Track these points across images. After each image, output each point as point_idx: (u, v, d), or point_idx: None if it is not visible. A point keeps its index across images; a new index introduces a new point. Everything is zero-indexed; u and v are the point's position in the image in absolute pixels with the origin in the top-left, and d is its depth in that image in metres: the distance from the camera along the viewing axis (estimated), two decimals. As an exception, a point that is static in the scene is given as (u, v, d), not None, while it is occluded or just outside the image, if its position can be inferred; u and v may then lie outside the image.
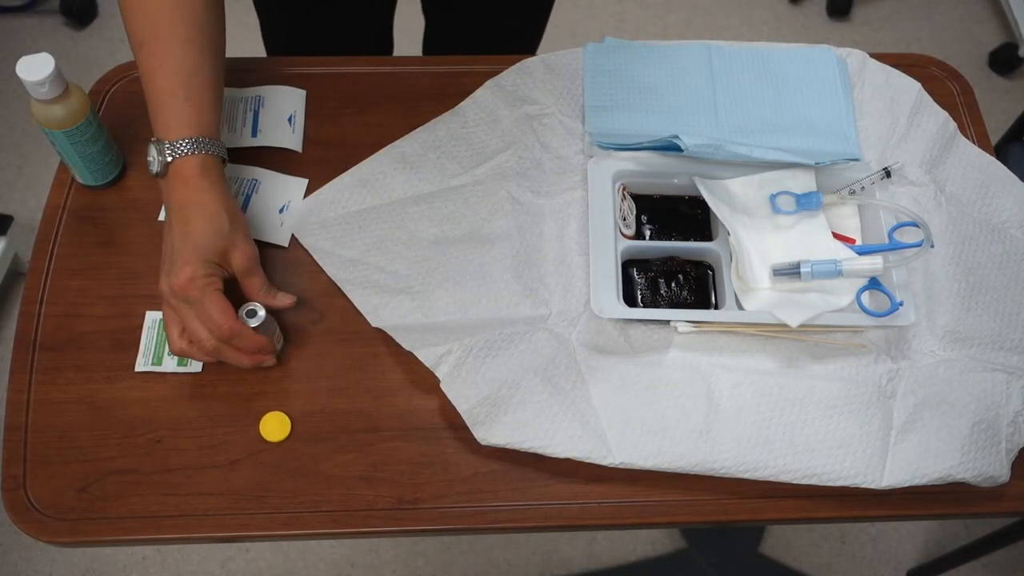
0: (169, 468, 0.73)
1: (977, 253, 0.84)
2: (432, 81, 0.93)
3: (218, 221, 0.72)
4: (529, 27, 1.17)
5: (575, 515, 0.73)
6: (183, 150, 0.72)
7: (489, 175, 0.85)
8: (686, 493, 0.74)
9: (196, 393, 0.76)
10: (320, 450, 0.75)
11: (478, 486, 0.74)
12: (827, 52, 0.94)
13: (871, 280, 0.79)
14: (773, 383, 0.76)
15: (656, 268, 0.83)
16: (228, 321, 0.71)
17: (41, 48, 0.75)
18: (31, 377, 0.76)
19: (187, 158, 0.72)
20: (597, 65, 0.92)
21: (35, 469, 0.73)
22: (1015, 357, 0.80)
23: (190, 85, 0.74)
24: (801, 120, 0.90)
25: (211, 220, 0.71)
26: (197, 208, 0.72)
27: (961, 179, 0.88)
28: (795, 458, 0.73)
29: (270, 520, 0.72)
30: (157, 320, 0.78)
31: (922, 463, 0.73)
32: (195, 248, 0.71)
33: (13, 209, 1.69)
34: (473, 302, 0.79)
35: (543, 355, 0.76)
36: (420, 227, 0.82)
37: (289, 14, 1.10)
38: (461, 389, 0.73)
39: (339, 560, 1.52)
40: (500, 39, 1.12)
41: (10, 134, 1.90)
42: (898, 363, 0.78)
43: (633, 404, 0.75)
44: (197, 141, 0.73)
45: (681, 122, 0.89)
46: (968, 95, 0.96)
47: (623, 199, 0.84)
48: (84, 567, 1.49)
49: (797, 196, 0.83)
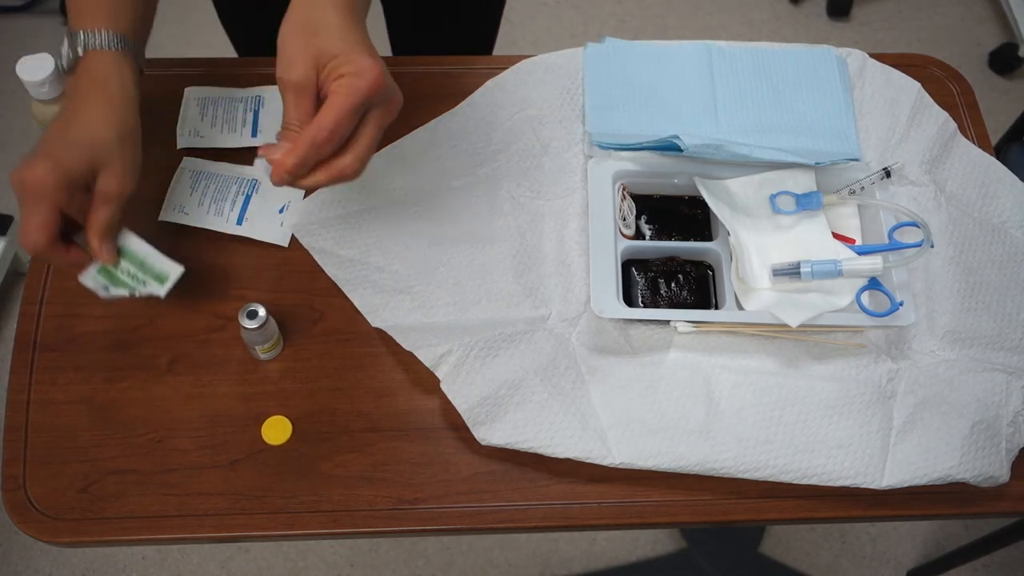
0: (169, 468, 0.73)
1: (977, 253, 0.84)
2: (432, 81, 0.93)
3: (106, 131, 0.63)
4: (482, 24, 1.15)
5: (575, 515, 0.73)
6: (99, 41, 0.65)
7: (489, 175, 0.85)
8: (686, 493, 0.74)
9: (196, 393, 0.76)
10: (320, 450, 0.75)
11: (478, 486, 0.74)
12: (827, 52, 0.94)
13: (871, 280, 0.79)
14: (773, 383, 0.76)
15: (656, 268, 0.83)
16: (42, 239, 0.62)
17: (41, 48, 0.75)
18: (31, 377, 0.76)
19: (100, 52, 0.65)
20: (597, 65, 0.92)
21: (35, 469, 0.73)
22: (1015, 357, 0.80)
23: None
24: (801, 120, 0.90)
25: (98, 127, 0.63)
26: (89, 110, 0.64)
27: (961, 179, 0.88)
28: (795, 458, 0.73)
29: (270, 520, 0.72)
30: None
31: (922, 463, 0.73)
32: (64, 148, 0.62)
33: (13, 209, 1.69)
34: (473, 302, 0.79)
35: (543, 355, 0.76)
36: (420, 227, 0.83)
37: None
38: (461, 389, 0.73)
39: (339, 560, 1.52)
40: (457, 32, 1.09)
41: (10, 134, 1.90)
42: (898, 363, 0.78)
43: (633, 404, 0.75)
44: (112, 36, 0.65)
45: (681, 122, 0.89)
46: (968, 95, 0.96)
47: (623, 199, 0.84)
48: (84, 567, 1.49)
49: (797, 196, 0.83)
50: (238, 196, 0.84)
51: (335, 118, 0.59)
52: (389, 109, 0.63)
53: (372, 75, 0.59)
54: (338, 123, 0.59)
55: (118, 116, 0.65)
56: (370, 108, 0.61)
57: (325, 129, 0.59)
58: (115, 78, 0.66)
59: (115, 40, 0.66)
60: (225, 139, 0.87)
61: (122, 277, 0.72)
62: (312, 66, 0.59)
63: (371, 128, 0.62)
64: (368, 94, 0.59)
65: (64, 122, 0.64)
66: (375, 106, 0.61)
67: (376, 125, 0.62)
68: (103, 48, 0.66)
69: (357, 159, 0.62)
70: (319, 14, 0.60)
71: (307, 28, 0.60)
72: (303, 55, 0.59)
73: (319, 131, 0.59)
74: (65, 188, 0.62)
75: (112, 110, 0.65)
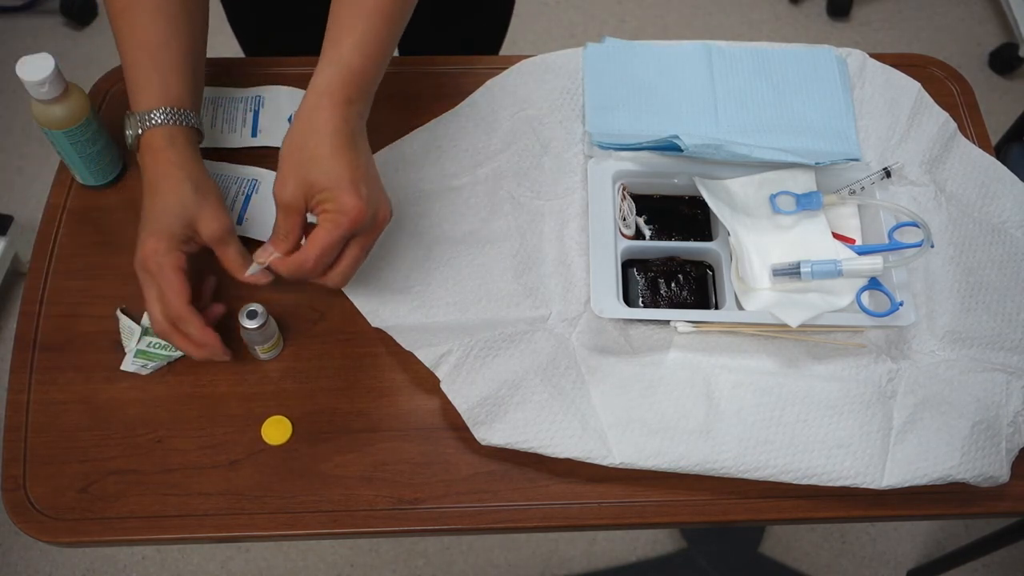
0: (169, 468, 0.73)
1: (977, 253, 0.84)
2: (432, 81, 0.93)
3: (182, 192, 0.70)
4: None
5: (575, 515, 0.73)
6: (152, 122, 0.71)
7: (489, 175, 0.85)
8: (686, 493, 0.74)
9: (196, 393, 0.76)
10: (320, 450, 0.75)
11: (478, 486, 0.74)
12: (827, 52, 0.94)
13: (871, 280, 0.79)
14: (773, 383, 0.76)
15: (656, 268, 0.83)
16: (176, 301, 0.69)
17: (41, 48, 0.75)
18: (31, 377, 0.76)
19: (155, 129, 0.71)
20: (597, 65, 0.92)
21: (35, 469, 0.73)
22: (1015, 357, 0.80)
23: (158, 57, 0.72)
24: (801, 120, 0.90)
25: (175, 191, 0.70)
26: (163, 180, 0.70)
27: (961, 179, 0.88)
28: (795, 458, 0.73)
29: (270, 520, 0.72)
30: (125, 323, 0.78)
31: (922, 463, 0.73)
32: (158, 220, 0.69)
33: (13, 209, 1.69)
34: (473, 302, 0.79)
35: (543, 355, 0.76)
36: (420, 227, 0.83)
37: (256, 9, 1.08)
38: (461, 389, 0.73)
39: (339, 560, 1.52)
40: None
41: (10, 134, 1.90)
42: (898, 363, 0.78)
43: (633, 404, 0.75)
44: (165, 111, 0.72)
45: (681, 122, 0.89)
46: (968, 95, 0.96)
47: (623, 199, 0.84)
48: (84, 567, 1.49)
49: (797, 196, 0.83)
50: (238, 196, 0.84)
51: (319, 251, 0.66)
52: (374, 230, 0.69)
53: (354, 213, 0.65)
54: (322, 254, 0.66)
55: (187, 173, 0.71)
56: (354, 235, 0.68)
57: (310, 260, 0.66)
58: (176, 147, 0.72)
59: (168, 115, 0.72)
60: (225, 139, 0.87)
61: (156, 351, 0.77)
62: (301, 193, 0.66)
63: (354, 250, 0.69)
64: (350, 228, 0.66)
65: (148, 200, 0.71)
66: (359, 233, 0.68)
67: (360, 247, 0.69)
68: (159, 125, 0.72)
69: (340, 275, 0.69)
70: (314, 142, 0.66)
71: (302, 154, 0.66)
72: (294, 179, 0.66)
73: (305, 260, 0.66)
74: (176, 248, 0.69)
75: (181, 169, 0.71)
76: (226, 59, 0.94)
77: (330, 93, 0.66)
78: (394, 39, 0.71)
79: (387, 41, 0.70)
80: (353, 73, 0.67)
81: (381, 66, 0.70)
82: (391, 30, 0.70)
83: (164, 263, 0.69)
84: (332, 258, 0.67)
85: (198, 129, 0.75)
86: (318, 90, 0.67)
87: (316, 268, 0.67)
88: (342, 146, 0.65)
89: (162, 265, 0.69)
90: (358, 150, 0.67)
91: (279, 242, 0.68)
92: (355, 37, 0.68)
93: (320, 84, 0.67)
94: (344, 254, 0.69)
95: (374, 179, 0.68)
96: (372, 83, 0.70)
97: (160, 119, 0.72)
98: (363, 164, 0.67)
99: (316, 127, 0.66)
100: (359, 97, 0.68)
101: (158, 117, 0.72)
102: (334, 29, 0.69)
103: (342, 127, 0.66)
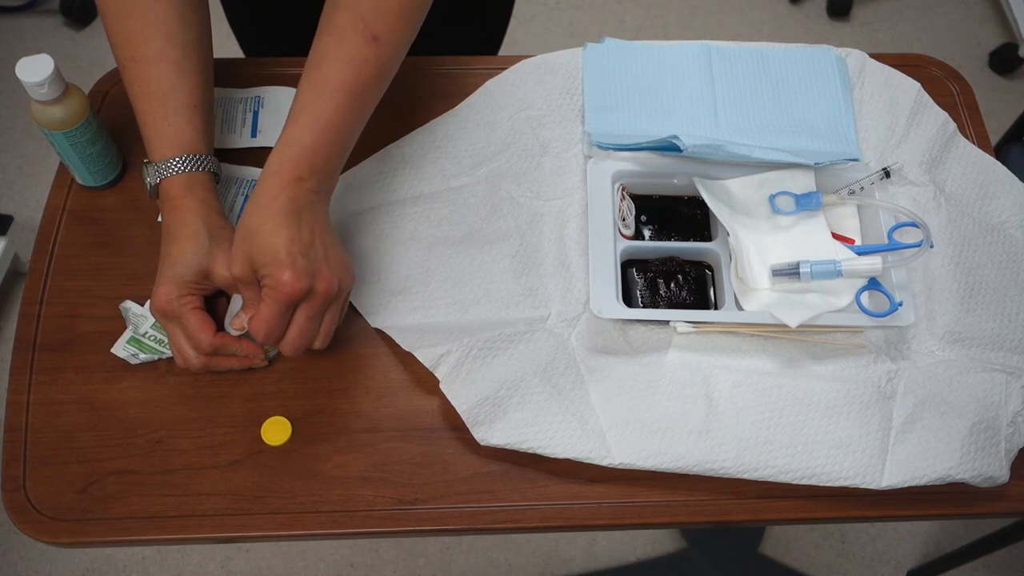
0: (169, 468, 0.73)
1: (977, 253, 0.84)
2: (432, 81, 0.93)
3: (196, 240, 0.72)
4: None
5: (575, 515, 0.73)
6: (168, 170, 0.73)
7: (489, 175, 0.85)
8: (686, 493, 0.74)
9: (196, 393, 0.76)
10: (320, 450, 0.75)
11: (478, 486, 0.74)
12: (827, 52, 0.94)
13: (870, 280, 0.79)
14: (772, 383, 0.76)
15: (655, 268, 0.83)
16: (208, 337, 0.72)
17: (41, 48, 0.76)
18: (31, 377, 0.76)
19: (172, 178, 0.73)
20: (597, 65, 0.92)
21: (35, 469, 0.73)
22: (1015, 357, 0.80)
23: (167, 104, 0.74)
24: (801, 120, 0.90)
25: (190, 239, 0.72)
26: (181, 228, 0.72)
27: (961, 179, 0.88)
28: (794, 458, 0.73)
29: (270, 520, 0.72)
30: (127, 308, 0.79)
31: (921, 463, 0.73)
32: (173, 268, 0.71)
33: (13, 209, 1.70)
34: (473, 302, 0.79)
35: (542, 355, 0.76)
36: (420, 227, 0.83)
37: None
38: (460, 389, 0.73)
39: (339, 560, 1.52)
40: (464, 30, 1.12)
41: (10, 134, 1.90)
42: (897, 363, 0.78)
43: (633, 404, 0.75)
44: (181, 160, 0.73)
45: (681, 122, 0.89)
46: (968, 95, 0.96)
47: (623, 199, 0.84)
48: (84, 567, 1.49)
49: (797, 196, 0.83)
50: (238, 197, 0.84)
51: (263, 324, 0.68)
52: (314, 300, 0.69)
53: (287, 288, 0.66)
54: (269, 325, 0.68)
55: (204, 221, 0.73)
56: (298, 304, 0.69)
57: (260, 332, 0.69)
58: (193, 194, 0.74)
59: (184, 163, 0.74)
60: (225, 139, 0.87)
61: (149, 344, 0.77)
62: (248, 267, 0.68)
63: (300, 320, 0.70)
64: (286, 302, 0.68)
65: (165, 247, 0.73)
66: (302, 302, 0.69)
67: (305, 316, 0.70)
68: (175, 174, 0.73)
69: (290, 345, 0.70)
70: (258, 219, 0.68)
71: (247, 231, 0.68)
72: (241, 254, 0.69)
73: (257, 333, 0.69)
74: (190, 292, 0.72)
75: (197, 216, 0.73)
76: (226, 59, 0.94)
77: (280, 172, 0.68)
78: (360, 112, 0.73)
79: (350, 116, 0.71)
80: (305, 152, 0.69)
81: (341, 141, 0.72)
82: (354, 105, 0.71)
83: (182, 306, 0.71)
84: (283, 325, 0.69)
85: (214, 171, 0.76)
86: (270, 169, 0.69)
87: (271, 337, 0.69)
88: (282, 223, 0.67)
89: (181, 309, 0.71)
90: (301, 225, 0.68)
91: (249, 310, 0.71)
92: (312, 116, 0.70)
93: (272, 164, 0.69)
94: (291, 323, 0.70)
95: (317, 251, 0.69)
96: (329, 159, 0.71)
97: (176, 168, 0.73)
98: (303, 239, 0.68)
99: (261, 204, 0.68)
100: (310, 175, 0.69)
101: (175, 166, 0.73)
102: (294, 107, 0.71)
103: (287, 205, 0.68)
